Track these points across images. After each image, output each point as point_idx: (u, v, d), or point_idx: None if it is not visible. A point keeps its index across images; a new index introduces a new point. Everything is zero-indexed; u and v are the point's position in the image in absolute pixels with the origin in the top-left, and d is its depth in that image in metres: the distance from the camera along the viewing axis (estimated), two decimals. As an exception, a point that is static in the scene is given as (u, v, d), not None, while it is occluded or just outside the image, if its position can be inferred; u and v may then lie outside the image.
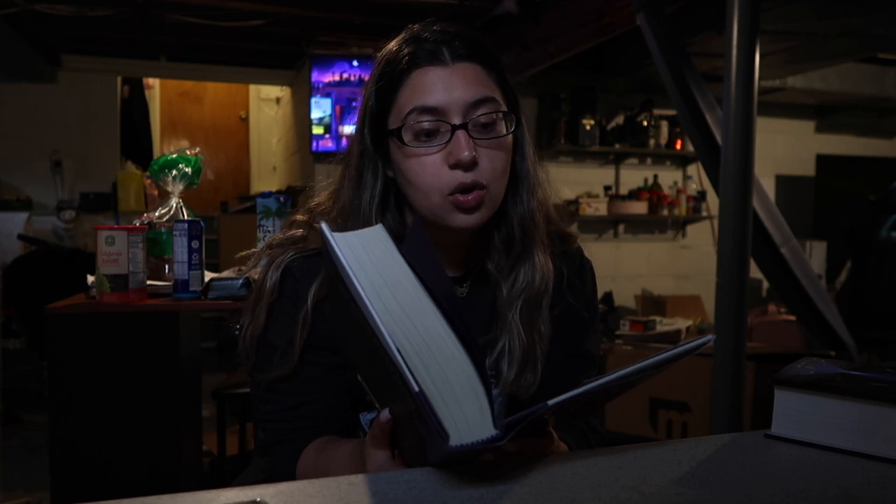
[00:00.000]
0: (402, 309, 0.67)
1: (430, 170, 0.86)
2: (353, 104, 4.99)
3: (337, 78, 5.00)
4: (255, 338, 0.93)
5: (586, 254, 1.08)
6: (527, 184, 0.94)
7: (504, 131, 0.88)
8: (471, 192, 0.86)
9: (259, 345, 0.93)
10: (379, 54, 0.92)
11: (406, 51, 0.88)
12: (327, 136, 5.03)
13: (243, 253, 1.07)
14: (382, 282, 0.68)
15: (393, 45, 0.91)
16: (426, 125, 0.86)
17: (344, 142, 4.97)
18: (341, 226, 0.93)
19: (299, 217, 0.99)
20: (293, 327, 0.90)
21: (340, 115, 5.02)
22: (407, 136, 0.87)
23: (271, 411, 0.93)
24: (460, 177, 0.85)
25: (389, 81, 0.89)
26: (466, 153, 0.84)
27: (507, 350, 0.93)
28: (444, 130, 0.86)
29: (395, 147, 0.89)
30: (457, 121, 0.86)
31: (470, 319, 0.94)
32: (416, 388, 0.60)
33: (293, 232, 0.97)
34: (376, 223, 0.90)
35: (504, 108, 0.89)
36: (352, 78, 5.01)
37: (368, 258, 0.70)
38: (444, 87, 0.86)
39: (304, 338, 0.90)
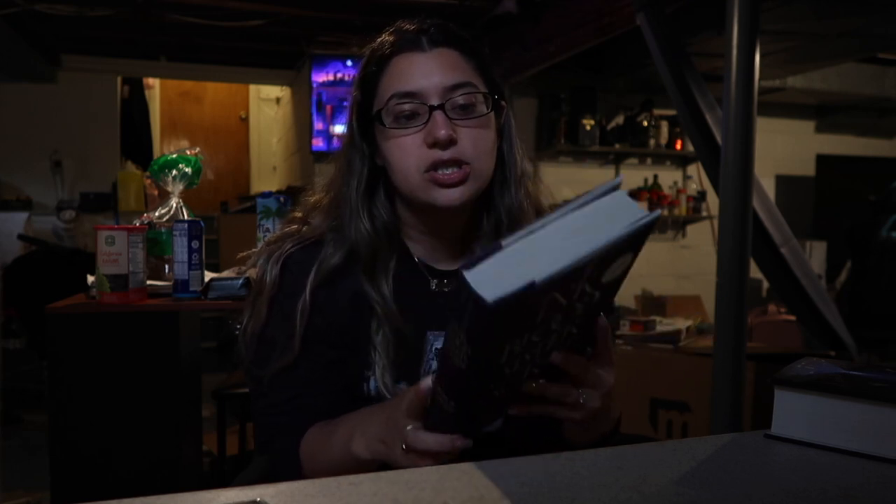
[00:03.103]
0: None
1: (409, 151, 0.89)
2: (344, 104, 5.00)
3: (331, 78, 5.00)
4: (257, 333, 0.94)
5: None
6: (514, 173, 0.97)
7: (484, 111, 0.91)
8: (450, 168, 0.88)
9: (260, 339, 0.94)
10: (365, 50, 0.97)
11: (388, 41, 0.93)
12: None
13: (243, 254, 1.08)
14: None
15: (377, 40, 0.95)
16: (405, 108, 0.89)
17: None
18: (333, 215, 0.96)
19: (296, 214, 1.01)
20: (293, 319, 0.91)
21: (332, 114, 5.02)
22: (388, 120, 0.90)
23: (270, 405, 0.93)
24: (438, 154, 0.88)
25: (372, 70, 0.93)
26: (443, 132, 0.87)
27: None
28: (423, 112, 0.89)
29: (379, 132, 0.93)
30: (435, 102, 0.88)
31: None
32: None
33: (289, 228, 1.00)
34: (363, 209, 0.93)
35: (483, 90, 0.92)
36: (346, 78, 5.01)
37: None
38: (422, 71, 0.90)
39: (303, 329, 0.91)
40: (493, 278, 0.56)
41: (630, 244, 0.62)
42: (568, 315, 0.66)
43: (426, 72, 0.90)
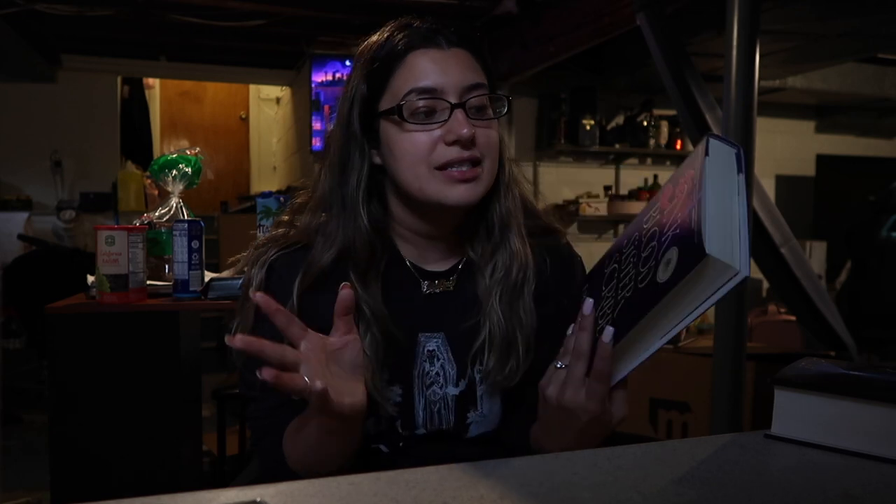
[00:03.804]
0: None
1: (424, 147, 0.88)
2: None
3: (329, 77, 5.00)
4: None
5: (579, 251, 1.08)
6: (504, 177, 0.97)
7: (493, 114, 0.92)
8: (465, 165, 0.88)
9: None
10: (362, 47, 0.95)
11: (400, 36, 0.91)
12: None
13: (233, 258, 1.07)
14: None
15: (380, 35, 0.93)
16: (425, 104, 0.88)
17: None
18: (321, 216, 0.94)
19: (284, 217, 1.00)
20: None
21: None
22: (405, 114, 0.89)
23: (262, 409, 0.93)
24: (457, 152, 0.87)
25: (382, 66, 0.91)
26: (466, 130, 0.86)
27: (488, 337, 0.94)
28: (442, 109, 0.88)
29: (390, 126, 0.91)
30: (454, 100, 0.88)
31: (458, 311, 0.95)
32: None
33: (276, 231, 0.98)
34: (362, 208, 0.92)
35: (493, 94, 0.92)
36: (344, 77, 5.01)
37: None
38: (441, 69, 0.89)
39: None
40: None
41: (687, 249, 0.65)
42: (647, 259, 0.72)
43: (446, 69, 0.89)
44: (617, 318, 0.73)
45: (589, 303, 0.77)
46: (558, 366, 0.79)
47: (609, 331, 0.73)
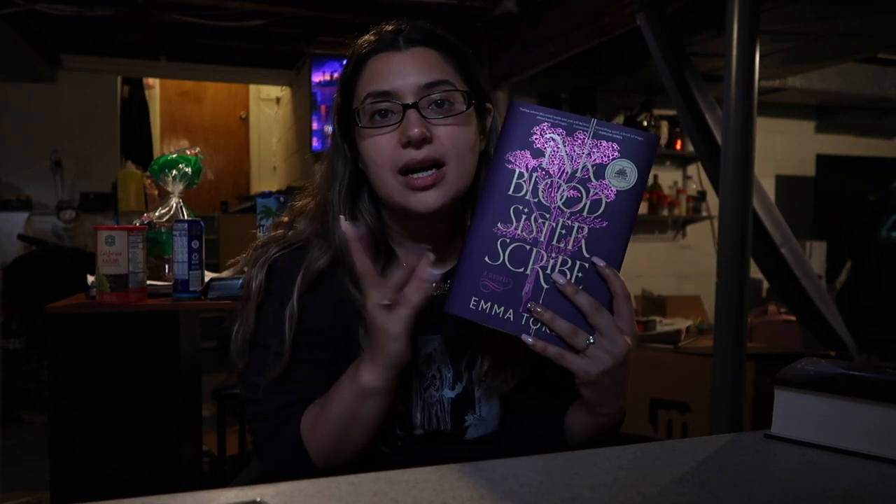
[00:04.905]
0: None
1: (383, 150, 0.89)
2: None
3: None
4: (247, 340, 0.93)
5: None
6: None
7: (461, 109, 0.90)
8: (424, 171, 0.87)
9: (251, 346, 0.93)
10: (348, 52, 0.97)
11: (366, 42, 0.93)
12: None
13: (233, 260, 1.07)
14: None
15: (358, 41, 0.95)
16: (380, 107, 0.89)
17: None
18: (320, 221, 0.95)
19: (284, 218, 1.01)
20: (283, 324, 0.90)
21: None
22: (363, 119, 0.90)
23: (265, 411, 0.92)
24: (412, 154, 0.87)
25: (350, 72, 0.93)
26: (416, 130, 0.86)
27: (483, 342, 0.94)
28: (397, 111, 0.88)
29: (357, 132, 0.92)
30: (409, 101, 0.88)
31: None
32: None
33: (275, 233, 0.99)
34: (345, 213, 0.92)
35: (461, 89, 0.91)
36: (342, 78, 5.04)
37: None
38: (397, 71, 0.89)
39: (293, 334, 0.90)
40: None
41: (628, 150, 0.79)
42: (573, 200, 0.79)
43: (401, 71, 0.89)
44: (600, 248, 0.79)
45: (559, 273, 0.79)
46: (591, 341, 0.79)
47: (600, 261, 0.79)
